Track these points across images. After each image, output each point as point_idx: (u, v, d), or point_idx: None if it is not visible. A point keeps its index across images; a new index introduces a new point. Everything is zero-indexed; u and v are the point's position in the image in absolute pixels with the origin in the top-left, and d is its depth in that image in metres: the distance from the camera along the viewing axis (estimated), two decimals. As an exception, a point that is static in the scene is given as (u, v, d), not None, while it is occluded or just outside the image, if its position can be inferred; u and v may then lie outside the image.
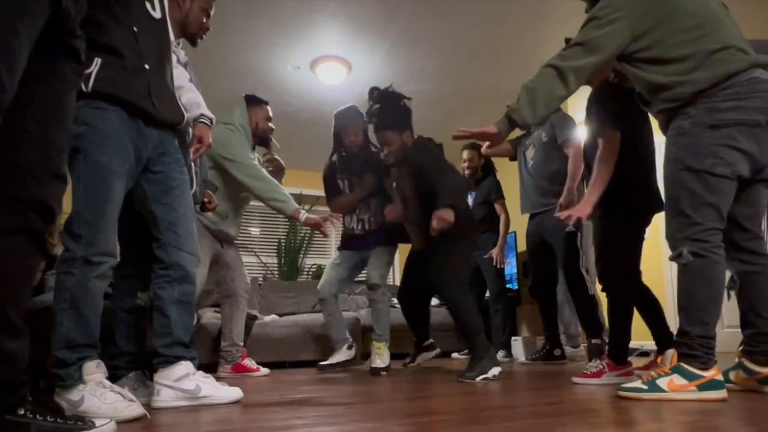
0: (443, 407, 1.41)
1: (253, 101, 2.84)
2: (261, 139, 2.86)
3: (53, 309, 1.36)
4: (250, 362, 2.90)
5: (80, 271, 1.36)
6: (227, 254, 2.84)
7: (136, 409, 1.30)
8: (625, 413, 1.28)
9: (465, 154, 3.99)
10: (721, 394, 1.42)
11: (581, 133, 4.44)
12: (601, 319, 2.91)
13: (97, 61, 1.40)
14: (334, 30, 3.63)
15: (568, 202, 2.78)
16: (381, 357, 2.78)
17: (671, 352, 1.52)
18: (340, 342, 2.99)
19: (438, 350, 3.10)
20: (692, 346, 1.46)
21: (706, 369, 1.43)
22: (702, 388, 1.42)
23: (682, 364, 1.46)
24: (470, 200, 4.06)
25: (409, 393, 1.79)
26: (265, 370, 2.92)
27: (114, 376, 1.60)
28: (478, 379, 2.15)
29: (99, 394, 1.29)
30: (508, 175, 4.05)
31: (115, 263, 1.47)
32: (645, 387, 1.49)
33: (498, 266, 3.69)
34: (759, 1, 3.23)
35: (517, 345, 3.99)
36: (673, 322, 2.38)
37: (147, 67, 1.50)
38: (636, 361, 2.77)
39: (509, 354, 3.65)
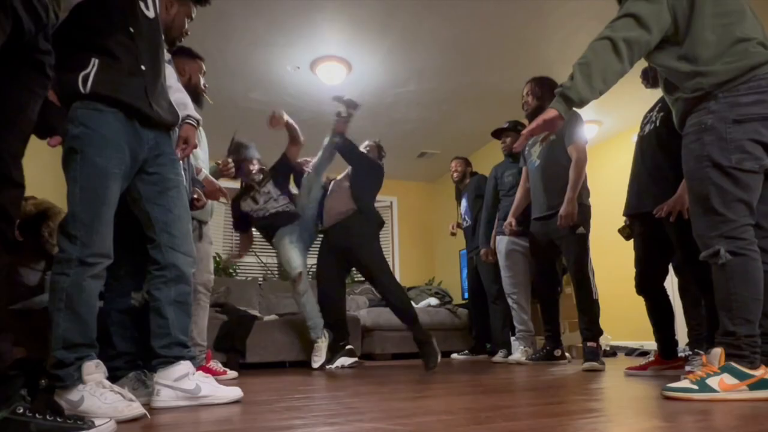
0: (443, 407, 1.41)
1: (184, 53, 2.47)
2: (194, 94, 2.41)
3: (50, 310, 1.36)
4: (215, 365, 2.71)
5: (75, 271, 1.36)
6: (198, 248, 2.54)
7: (136, 408, 1.30)
8: (625, 413, 1.28)
9: (453, 164, 4.33)
10: None
11: (588, 132, 4.48)
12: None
13: (95, 62, 1.40)
14: (334, 30, 3.63)
15: (568, 213, 2.78)
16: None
17: (718, 351, 1.47)
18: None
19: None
20: (740, 346, 1.44)
21: (754, 368, 1.41)
22: (753, 387, 1.40)
23: (731, 363, 1.43)
24: (463, 203, 4.16)
25: (409, 393, 1.79)
26: (232, 374, 2.73)
27: (114, 377, 1.60)
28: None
29: (99, 394, 1.30)
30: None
31: (110, 263, 1.46)
32: (695, 387, 1.43)
33: (486, 259, 3.75)
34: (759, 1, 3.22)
35: (517, 345, 4.00)
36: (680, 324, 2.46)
37: (143, 68, 1.50)
38: (635, 361, 2.77)
39: (509, 354, 3.65)
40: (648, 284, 2.38)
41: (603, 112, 4.92)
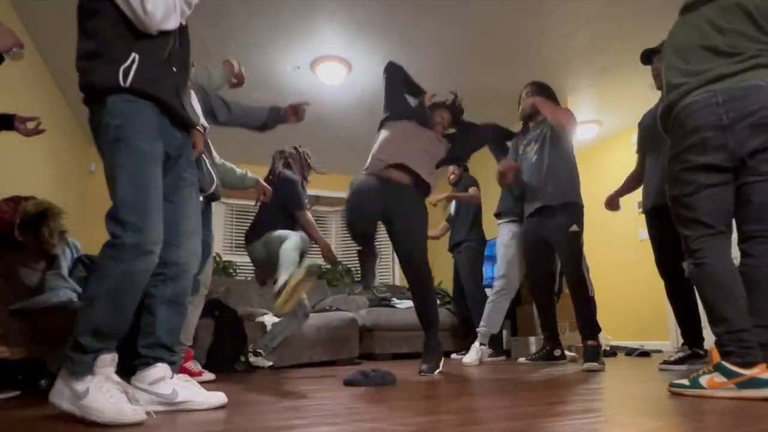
0: (443, 407, 1.41)
1: None
2: None
3: (87, 292, 1.35)
4: (194, 365, 2.60)
5: (129, 257, 1.33)
6: None
7: (139, 413, 1.26)
8: (626, 413, 1.28)
9: (450, 168, 4.35)
10: (762, 392, 1.39)
11: (588, 132, 4.48)
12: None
13: (135, 57, 1.42)
14: (334, 30, 3.63)
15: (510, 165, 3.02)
16: None
17: (713, 351, 1.56)
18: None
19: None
20: (723, 343, 1.51)
21: (747, 367, 1.43)
22: (741, 386, 1.42)
23: (723, 362, 1.48)
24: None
25: (409, 393, 1.79)
26: (209, 376, 2.60)
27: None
28: (436, 372, 2.48)
29: (105, 390, 1.26)
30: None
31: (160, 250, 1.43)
32: (687, 384, 1.54)
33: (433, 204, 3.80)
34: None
35: (517, 345, 4.00)
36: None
37: (174, 69, 1.54)
38: (636, 361, 2.78)
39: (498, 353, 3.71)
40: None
41: (603, 112, 4.92)
